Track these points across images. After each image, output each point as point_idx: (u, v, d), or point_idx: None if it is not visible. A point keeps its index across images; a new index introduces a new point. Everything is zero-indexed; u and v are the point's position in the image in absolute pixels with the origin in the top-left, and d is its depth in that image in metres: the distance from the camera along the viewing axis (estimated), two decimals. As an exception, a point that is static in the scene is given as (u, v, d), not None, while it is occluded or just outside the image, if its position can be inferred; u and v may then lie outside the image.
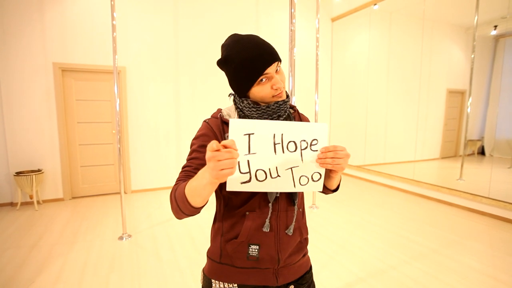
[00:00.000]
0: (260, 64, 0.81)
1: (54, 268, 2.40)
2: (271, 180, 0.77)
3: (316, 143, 0.78)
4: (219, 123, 0.87)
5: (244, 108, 0.87)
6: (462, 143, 4.11)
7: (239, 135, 0.72)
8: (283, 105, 0.87)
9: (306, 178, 0.80)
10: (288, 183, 0.79)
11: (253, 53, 0.81)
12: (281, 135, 0.76)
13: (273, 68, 0.82)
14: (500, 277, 2.27)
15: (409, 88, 4.70)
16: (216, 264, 0.90)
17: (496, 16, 3.66)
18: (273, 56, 0.82)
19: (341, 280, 2.25)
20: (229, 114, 0.90)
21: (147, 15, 4.47)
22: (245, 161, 0.73)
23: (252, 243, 0.84)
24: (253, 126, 0.74)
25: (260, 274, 0.87)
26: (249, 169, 0.74)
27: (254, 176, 0.75)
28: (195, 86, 4.87)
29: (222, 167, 0.60)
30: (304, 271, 0.95)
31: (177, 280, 2.26)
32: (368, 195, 4.52)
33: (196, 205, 0.73)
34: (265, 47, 0.83)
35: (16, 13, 3.77)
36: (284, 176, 0.78)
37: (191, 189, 0.71)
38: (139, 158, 4.62)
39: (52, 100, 4.04)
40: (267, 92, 0.84)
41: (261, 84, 0.83)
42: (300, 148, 0.77)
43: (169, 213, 3.69)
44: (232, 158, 0.61)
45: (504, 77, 3.64)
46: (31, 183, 3.75)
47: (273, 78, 0.83)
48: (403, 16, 4.84)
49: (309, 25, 5.69)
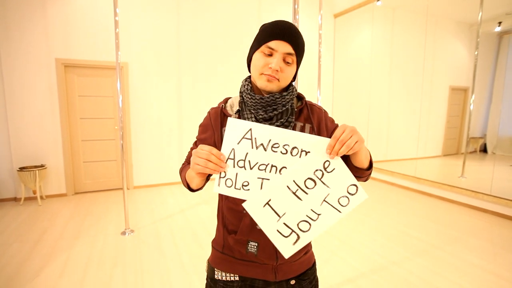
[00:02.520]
0: (272, 31, 0.79)
1: (58, 263, 2.42)
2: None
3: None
4: (218, 114, 0.88)
5: (244, 93, 0.86)
6: (464, 140, 4.10)
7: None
8: (279, 98, 0.82)
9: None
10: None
11: (276, 22, 0.81)
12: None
13: (281, 47, 0.79)
14: (501, 274, 2.28)
15: (412, 85, 4.68)
16: (219, 254, 0.92)
17: (500, 12, 3.63)
18: (289, 36, 0.79)
19: (343, 276, 2.26)
20: (233, 103, 0.90)
21: (149, 11, 4.46)
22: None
23: (251, 239, 0.85)
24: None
25: (259, 268, 0.88)
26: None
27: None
28: (197, 81, 4.87)
29: (196, 162, 0.72)
30: (306, 267, 0.94)
31: (179, 275, 2.27)
32: (370, 192, 4.53)
33: (193, 187, 0.85)
34: (291, 27, 0.81)
35: (19, 9, 3.77)
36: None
37: (188, 176, 0.84)
38: (141, 154, 4.63)
39: (55, 96, 4.05)
40: (260, 64, 0.80)
41: (262, 53, 0.81)
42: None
43: (171, 209, 3.71)
44: (207, 159, 0.71)
45: (508, 74, 3.61)
46: (34, 179, 3.77)
47: (274, 58, 0.79)
48: (406, 12, 4.81)
49: (311, 21, 5.66)
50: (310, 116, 0.89)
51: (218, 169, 0.73)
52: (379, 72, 5.18)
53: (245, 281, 0.89)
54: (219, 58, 4.97)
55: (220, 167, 0.73)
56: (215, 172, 0.73)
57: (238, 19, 5.03)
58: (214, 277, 0.91)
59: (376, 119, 5.31)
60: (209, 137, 0.88)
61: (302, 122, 0.88)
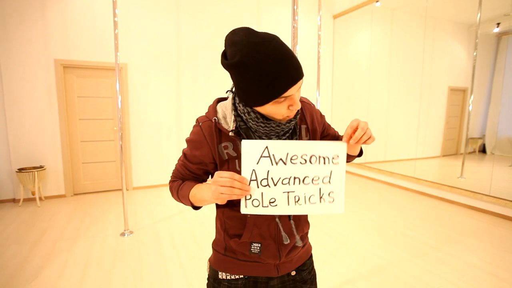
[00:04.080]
0: (284, 83, 0.67)
1: (57, 264, 2.42)
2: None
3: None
4: (212, 129, 0.81)
5: (250, 121, 0.78)
6: (463, 141, 4.11)
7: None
8: (294, 121, 0.80)
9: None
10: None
11: (277, 68, 0.66)
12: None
13: (295, 89, 0.70)
14: (500, 275, 2.28)
15: (411, 85, 4.69)
16: (221, 256, 0.92)
17: (499, 13, 3.64)
18: (299, 74, 0.69)
19: (342, 277, 2.26)
20: (225, 115, 0.83)
21: (148, 12, 4.46)
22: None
23: (254, 241, 0.85)
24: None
25: (262, 267, 0.89)
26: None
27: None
28: (196, 82, 4.87)
29: (221, 192, 0.70)
30: (305, 259, 0.97)
31: (178, 276, 2.27)
32: (369, 193, 4.53)
33: (198, 206, 0.88)
34: (292, 61, 0.68)
35: (18, 10, 3.76)
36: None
37: (195, 197, 0.84)
38: (140, 155, 4.63)
39: (54, 97, 4.04)
40: (282, 111, 0.74)
41: (278, 102, 0.71)
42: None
43: (170, 210, 3.70)
44: (232, 187, 0.70)
45: (506, 75, 3.62)
46: (33, 180, 3.77)
47: (292, 98, 0.72)
48: (405, 13, 4.82)
49: (310, 22, 5.67)
50: (304, 116, 0.89)
51: (244, 193, 0.72)
52: (378, 73, 5.19)
53: (249, 278, 0.91)
54: (218, 59, 4.97)
55: (245, 191, 0.72)
56: (242, 197, 0.73)
57: (237, 20, 5.03)
58: (218, 277, 0.91)
59: (375, 119, 5.31)
60: (206, 155, 0.83)
61: (298, 123, 0.88)
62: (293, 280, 0.94)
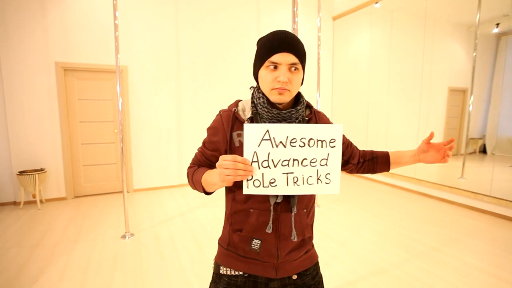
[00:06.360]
0: (271, 48, 0.81)
1: (58, 267, 2.42)
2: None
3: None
4: (230, 117, 0.90)
5: (258, 105, 0.88)
6: (463, 141, 4.11)
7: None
8: (295, 113, 0.87)
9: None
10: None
11: (270, 39, 0.83)
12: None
13: (284, 58, 0.81)
14: (501, 275, 2.28)
15: (411, 86, 4.69)
16: (224, 251, 0.95)
17: (498, 14, 3.64)
18: (289, 47, 0.81)
19: (343, 278, 2.26)
20: (244, 108, 0.92)
21: (149, 15, 4.47)
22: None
23: (255, 237, 0.88)
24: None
25: (261, 265, 0.91)
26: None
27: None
28: (196, 85, 4.88)
29: (226, 174, 0.74)
30: (308, 265, 0.97)
31: (179, 278, 2.27)
32: (369, 194, 4.53)
33: (209, 191, 0.91)
34: (288, 37, 0.82)
35: (19, 13, 3.78)
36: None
37: (206, 181, 0.88)
38: (141, 157, 4.64)
39: (55, 100, 4.05)
40: (268, 80, 0.83)
41: (267, 69, 0.83)
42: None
43: (171, 212, 3.70)
44: (236, 169, 0.74)
45: (506, 75, 3.62)
46: (34, 182, 3.77)
47: (280, 71, 0.82)
48: (405, 15, 4.83)
49: (310, 24, 5.68)
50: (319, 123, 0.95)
51: (248, 174, 0.76)
52: (378, 74, 5.20)
53: (249, 277, 0.92)
54: (219, 62, 4.99)
55: (249, 171, 0.76)
56: (246, 178, 0.77)
57: (237, 23, 5.04)
58: (220, 272, 0.95)
59: (375, 120, 5.31)
60: (222, 140, 0.90)
61: None
62: (295, 284, 0.95)
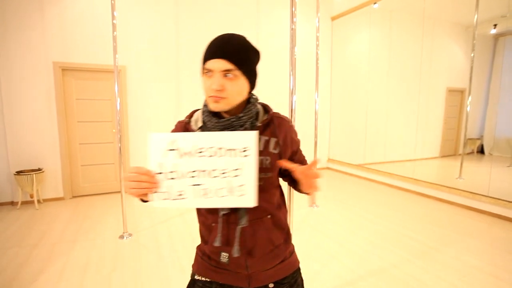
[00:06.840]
0: (207, 51, 0.80)
1: (56, 267, 2.41)
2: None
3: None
4: (182, 128, 0.89)
5: (204, 114, 0.86)
6: (461, 141, 4.12)
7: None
8: (236, 121, 0.82)
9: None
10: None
11: (212, 41, 0.81)
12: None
13: (216, 65, 0.77)
14: (500, 275, 2.29)
15: (409, 86, 4.71)
16: (199, 259, 0.95)
17: (496, 14, 3.66)
18: (222, 53, 0.77)
19: (342, 279, 2.26)
20: (197, 119, 0.90)
21: (147, 14, 4.46)
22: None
23: (222, 250, 0.86)
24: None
25: (233, 276, 0.89)
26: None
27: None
28: (195, 85, 4.87)
29: (131, 187, 0.72)
30: (285, 274, 0.93)
31: (178, 278, 2.27)
32: (368, 194, 4.54)
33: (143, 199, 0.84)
34: (224, 42, 0.79)
35: (17, 13, 3.76)
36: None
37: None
38: (139, 157, 4.62)
39: (53, 99, 4.03)
40: (206, 87, 0.81)
41: (205, 75, 0.81)
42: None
43: (170, 212, 3.70)
44: (139, 181, 0.71)
45: (504, 76, 3.64)
46: (31, 182, 3.76)
47: (213, 78, 0.78)
48: (403, 15, 4.84)
49: (309, 24, 5.68)
50: (276, 130, 0.88)
51: (152, 186, 0.73)
52: (376, 74, 5.21)
53: (223, 286, 0.91)
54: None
55: (153, 184, 0.73)
56: (151, 190, 0.74)
57: (236, 23, 5.04)
58: (195, 277, 0.95)
59: (374, 120, 5.33)
60: None
61: (268, 136, 0.87)
62: None
